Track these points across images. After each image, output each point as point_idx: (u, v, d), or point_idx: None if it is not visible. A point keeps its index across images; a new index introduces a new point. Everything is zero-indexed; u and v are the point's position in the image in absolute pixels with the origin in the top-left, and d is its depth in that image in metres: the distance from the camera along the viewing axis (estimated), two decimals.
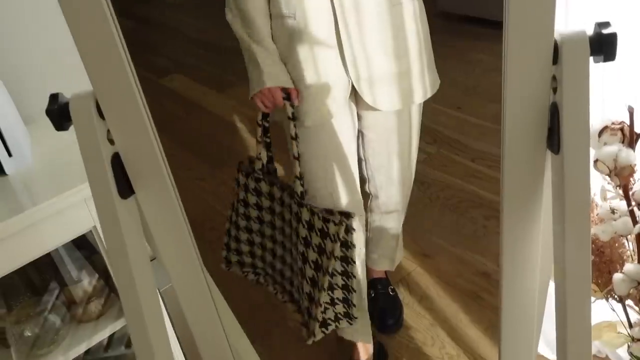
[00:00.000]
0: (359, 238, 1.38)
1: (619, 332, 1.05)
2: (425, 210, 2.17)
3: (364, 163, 1.47)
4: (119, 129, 0.57)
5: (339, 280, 1.23)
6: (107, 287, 1.22)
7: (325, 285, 1.19)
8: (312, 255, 1.20)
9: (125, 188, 0.59)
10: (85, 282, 1.18)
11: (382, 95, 1.25)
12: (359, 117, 1.35)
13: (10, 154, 1.07)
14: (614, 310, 1.04)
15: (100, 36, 0.51)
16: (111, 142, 0.58)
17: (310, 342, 1.26)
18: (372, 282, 1.75)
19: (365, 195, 1.52)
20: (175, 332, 1.26)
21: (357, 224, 1.34)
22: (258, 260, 1.42)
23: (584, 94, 0.50)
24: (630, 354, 1.04)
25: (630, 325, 1.02)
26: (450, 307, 1.76)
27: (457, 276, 1.86)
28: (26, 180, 1.08)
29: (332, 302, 1.24)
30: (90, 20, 0.50)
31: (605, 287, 0.99)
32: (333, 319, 1.26)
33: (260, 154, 1.30)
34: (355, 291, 1.26)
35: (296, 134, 1.22)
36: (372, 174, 1.48)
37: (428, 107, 2.35)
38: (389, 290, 1.76)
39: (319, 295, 1.20)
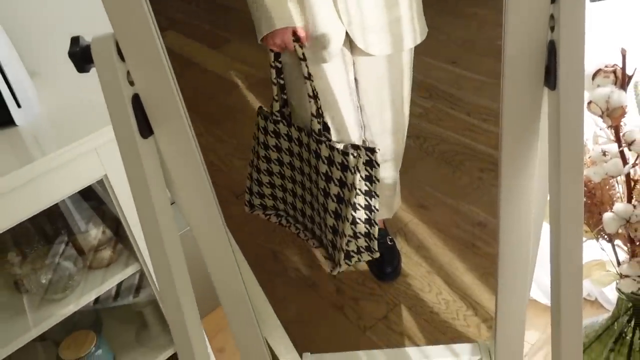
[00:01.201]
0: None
1: (607, 271, 1.10)
2: (422, 163, 2.21)
3: (359, 111, 1.50)
4: (139, 71, 0.59)
5: (362, 215, 1.28)
6: (116, 236, 1.26)
7: (349, 216, 1.25)
8: (334, 189, 1.26)
9: (145, 128, 0.63)
10: (94, 232, 1.22)
11: (373, 41, 1.29)
12: (354, 64, 1.38)
13: (19, 105, 1.09)
14: (603, 249, 1.09)
15: None
16: (131, 83, 0.61)
17: (335, 272, 1.35)
18: None
19: None
20: None
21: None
22: (280, 202, 1.47)
23: (580, 32, 0.53)
24: (619, 290, 1.10)
25: (619, 264, 1.08)
26: (446, 256, 1.82)
27: (453, 226, 1.91)
28: (35, 131, 1.10)
29: (355, 236, 1.30)
30: None
31: (595, 227, 1.04)
32: (356, 251, 1.33)
33: (276, 95, 1.33)
34: (377, 225, 1.32)
35: (309, 73, 1.25)
36: (367, 121, 1.52)
37: (423, 61, 2.37)
38: (387, 240, 1.82)
39: (343, 226, 1.26)
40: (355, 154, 1.22)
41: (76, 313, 1.18)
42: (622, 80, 0.81)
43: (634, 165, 0.91)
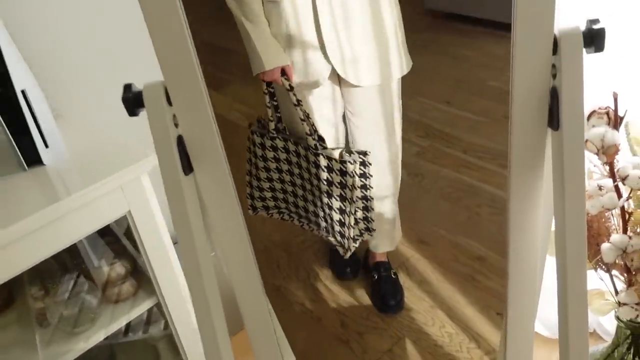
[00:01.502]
0: None
1: (606, 300, 1.16)
2: (421, 200, 2.28)
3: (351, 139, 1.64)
4: (184, 114, 0.66)
5: (360, 204, 1.45)
6: (134, 270, 1.31)
7: (353, 210, 1.42)
8: (336, 191, 1.41)
9: (186, 166, 0.69)
10: (113, 266, 1.26)
11: (361, 73, 1.42)
12: (344, 98, 1.52)
13: (47, 145, 1.15)
14: (602, 279, 1.15)
15: (174, 36, 0.60)
16: (176, 125, 0.67)
17: (347, 255, 1.55)
18: (375, 266, 1.87)
19: None
20: None
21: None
22: (281, 202, 1.60)
23: (579, 79, 0.61)
24: (617, 318, 1.15)
25: (617, 293, 1.14)
26: (448, 290, 1.87)
27: (453, 261, 1.97)
28: (62, 170, 1.16)
29: (356, 222, 1.48)
30: (167, 24, 0.59)
31: (594, 258, 1.10)
32: (359, 234, 1.52)
33: (271, 116, 1.47)
34: (373, 209, 1.49)
35: (298, 100, 1.39)
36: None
37: (418, 102, 2.47)
38: (392, 273, 1.88)
39: (349, 219, 1.43)
40: (351, 161, 1.38)
41: (93, 347, 1.21)
42: (615, 121, 0.89)
43: (627, 198, 0.98)
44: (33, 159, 1.14)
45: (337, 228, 1.49)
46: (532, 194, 0.71)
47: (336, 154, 1.40)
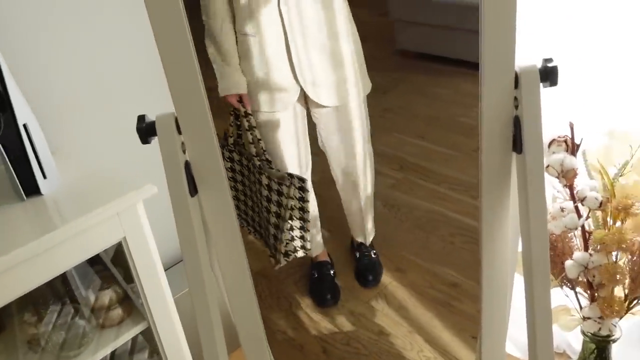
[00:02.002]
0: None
1: (572, 315, 1.25)
2: (397, 230, 2.37)
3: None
4: (192, 142, 0.74)
5: (297, 224, 1.59)
6: (123, 298, 1.35)
7: (286, 228, 1.56)
8: (273, 208, 1.57)
9: (192, 188, 0.76)
10: (106, 291, 1.31)
11: (324, 94, 1.64)
12: (311, 113, 1.74)
13: (45, 176, 1.20)
14: (567, 296, 1.24)
15: (186, 74, 0.69)
16: (184, 152, 0.75)
17: (277, 268, 1.69)
18: (358, 246, 2.14)
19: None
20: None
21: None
22: (237, 209, 1.75)
23: (537, 109, 0.71)
24: (582, 332, 1.24)
25: (582, 309, 1.23)
26: (425, 315, 1.94)
27: (429, 287, 2.05)
28: (59, 200, 1.21)
29: (292, 239, 1.60)
30: (181, 64, 0.68)
31: (559, 275, 1.19)
32: (292, 250, 1.64)
33: (232, 132, 1.67)
34: (309, 230, 1.62)
35: (250, 126, 1.61)
36: (330, 162, 1.87)
37: (394, 137, 2.59)
38: (372, 253, 2.13)
39: (282, 235, 1.58)
40: (287, 184, 1.54)
41: None
42: (572, 148, 0.99)
43: (586, 218, 1.08)
44: (31, 189, 1.19)
45: (271, 241, 1.65)
46: (501, 211, 0.80)
47: (276, 176, 1.58)
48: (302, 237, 1.64)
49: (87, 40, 1.45)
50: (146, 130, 0.73)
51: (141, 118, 0.73)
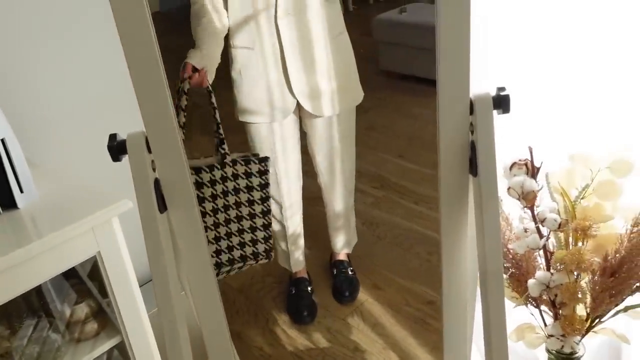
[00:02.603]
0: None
1: (537, 333, 1.28)
2: (375, 247, 2.39)
3: (313, 162, 1.90)
4: (161, 161, 0.76)
5: (259, 221, 1.55)
6: (98, 311, 1.36)
7: (262, 212, 1.53)
8: (244, 197, 1.51)
9: (161, 205, 0.79)
10: (80, 306, 1.32)
11: (318, 105, 1.68)
12: (303, 122, 1.79)
13: (22, 190, 1.22)
14: (532, 314, 1.28)
15: (156, 94, 0.72)
16: (153, 170, 0.77)
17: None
18: (335, 264, 2.16)
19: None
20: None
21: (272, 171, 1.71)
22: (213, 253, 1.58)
23: (491, 134, 0.74)
24: (547, 349, 1.27)
25: (546, 326, 1.26)
26: (400, 332, 1.96)
27: (405, 305, 2.07)
28: (34, 214, 1.23)
29: (255, 242, 1.57)
30: (151, 85, 0.71)
31: (524, 294, 1.23)
32: (263, 252, 1.60)
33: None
34: (271, 234, 1.59)
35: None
36: (317, 170, 1.91)
37: (375, 155, 2.65)
38: (349, 270, 2.15)
39: (258, 221, 1.55)
40: (256, 160, 1.53)
41: None
42: (532, 171, 1.03)
43: (547, 239, 1.12)
44: (8, 202, 1.21)
45: (247, 236, 1.58)
46: (459, 231, 0.83)
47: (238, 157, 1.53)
48: (266, 239, 1.60)
49: (69, 57, 1.48)
50: (117, 148, 0.75)
51: (113, 136, 0.76)
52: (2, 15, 1.37)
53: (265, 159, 1.56)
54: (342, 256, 2.18)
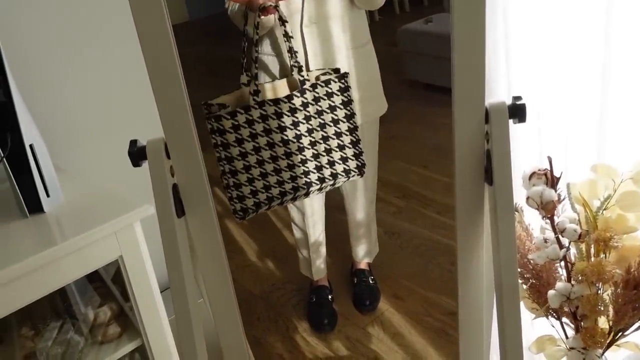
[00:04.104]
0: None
1: (558, 346, 1.26)
2: (396, 257, 2.39)
3: None
4: (180, 167, 0.78)
5: (347, 139, 1.51)
6: (120, 314, 1.39)
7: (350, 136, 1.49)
8: (328, 117, 1.46)
9: (179, 210, 0.80)
10: (103, 308, 1.34)
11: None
12: None
13: (48, 195, 1.25)
14: (553, 326, 1.26)
15: (175, 101, 0.73)
16: (172, 175, 0.79)
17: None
18: (356, 272, 2.17)
19: None
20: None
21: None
22: (262, 190, 1.46)
23: (506, 144, 0.74)
24: None
25: (567, 338, 1.24)
26: (420, 343, 1.95)
27: (426, 315, 2.06)
28: (60, 218, 1.26)
29: (345, 160, 1.52)
30: (171, 92, 0.73)
31: (544, 305, 1.21)
32: (355, 168, 1.55)
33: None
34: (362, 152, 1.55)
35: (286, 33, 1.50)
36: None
37: (398, 166, 2.64)
38: (370, 279, 2.15)
39: (348, 138, 1.50)
40: (335, 79, 1.47)
41: None
42: (552, 181, 1.02)
43: (567, 250, 1.11)
44: (35, 207, 1.25)
45: (336, 155, 1.50)
46: (475, 241, 0.83)
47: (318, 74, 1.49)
48: (356, 156, 1.53)
49: (96, 66, 1.52)
50: (137, 154, 0.77)
51: (133, 142, 0.78)
52: (31, 24, 1.42)
53: (345, 75, 1.49)
54: (363, 265, 2.18)
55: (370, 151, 1.88)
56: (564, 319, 1.24)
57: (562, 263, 1.18)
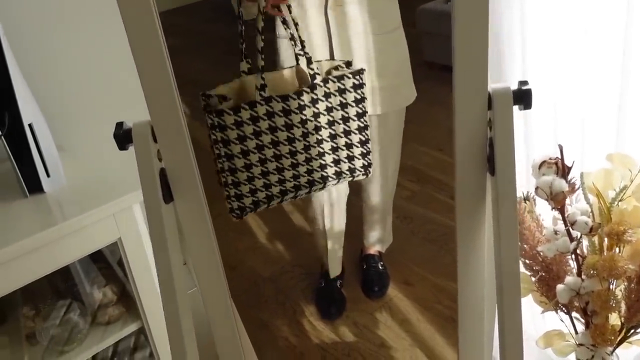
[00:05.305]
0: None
1: (567, 341, 1.22)
2: (408, 242, 2.35)
3: None
4: (167, 150, 0.75)
5: (355, 138, 1.40)
6: (122, 295, 1.38)
7: (359, 135, 1.39)
8: (338, 115, 1.36)
9: (167, 195, 0.77)
10: (102, 290, 1.34)
11: (367, 102, 1.47)
12: None
13: (48, 175, 1.24)
14: (562, 321, 1.21)
15: (161, 84, 0.70)
16: (159, 159, 0.76)
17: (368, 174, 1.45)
18: (366, 258, 2.13)
19: None
20: None
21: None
22: (262, 189, 1.39)
23: (510, 130, 0.70)
24: (577, 358, 1.21)
25: (577, 334, 1.20)
26: (428, 330, 1.92)
27: (436, 302, 2.02)
28: (60, 198, 1.25)
29: (351, 159, 1.42)
30: (156, 74, 0.69)
31: (553, 299, 1.17)
32: (360, 167, 1.44)
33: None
34: (370, 151, 1.44)
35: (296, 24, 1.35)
36: None
37: (412, 148, 2.56)
38: (379, 265, 2.12)
39: (356, 137, 1.39)
40: (349, 75, 1.34)
41: None
42: (562, 170, 0.97)
43: (578, 242, 1.06)
44: (35, 186, 1.23)
45: (343, 153, 1.41)
46: (476, 231, 0.79)
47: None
48: (363, 155, 1.43)
49: (99, 42, 1.49)
50: (123, 137, 0.74)
51: (119, 125, 0.75)
52: (32, 3, 1.39)
53: (361, 71, 1.36)
54: (372, 250, 2.15)
55: (395, 142, 1.81)
56: (574, 314, 1.19)
57: (573, 256, 1.13)
